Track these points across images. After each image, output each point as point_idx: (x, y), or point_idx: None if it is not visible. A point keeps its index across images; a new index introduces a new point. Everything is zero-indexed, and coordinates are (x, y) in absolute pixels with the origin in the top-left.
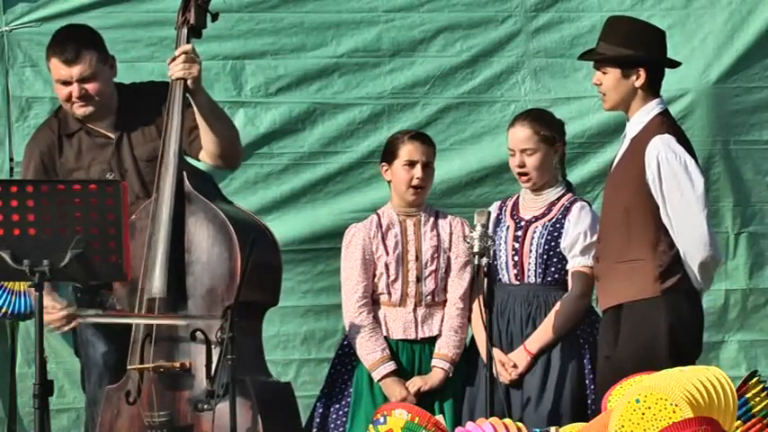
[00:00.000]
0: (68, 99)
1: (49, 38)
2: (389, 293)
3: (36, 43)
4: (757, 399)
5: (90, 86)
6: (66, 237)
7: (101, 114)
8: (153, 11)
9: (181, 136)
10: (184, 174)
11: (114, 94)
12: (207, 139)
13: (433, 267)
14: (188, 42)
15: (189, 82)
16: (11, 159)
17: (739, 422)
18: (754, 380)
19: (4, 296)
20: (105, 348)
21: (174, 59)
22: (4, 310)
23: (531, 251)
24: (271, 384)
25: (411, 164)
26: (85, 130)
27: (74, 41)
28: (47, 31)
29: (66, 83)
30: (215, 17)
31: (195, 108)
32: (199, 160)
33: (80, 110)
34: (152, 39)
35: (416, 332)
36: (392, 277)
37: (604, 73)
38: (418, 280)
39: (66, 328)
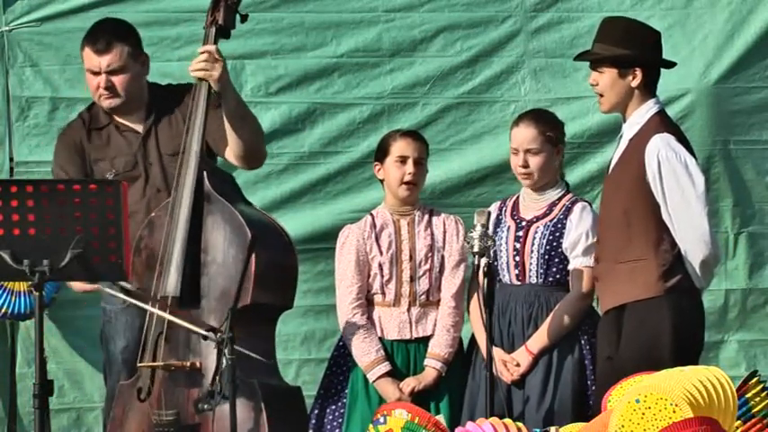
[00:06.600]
0: (96, 89)
1: (49, 38)
2: (384, 294)
3: (36, 43)
4: (757, 399)
5: (117, 79)
6: (66, 237)
7: (129, 108)
8: (153, 11)
9: (203, 135)
10: (204, 173)
11: (145, 91)
12: (231, 139)
13: (428, 267)
14: (215, 43)
15: (212, 82)
16: (11, 159)
17: (739, 422)
18: (754, 380)
19: (4, 296)
20: (124, 344)
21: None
22: (4, 310)
23: (532, 251)
24: (279, 388)
25: (403, 160)
26: (114, 124)
27: (107, 33)
28: (47, 31)
29: (96, 73)
30: (244, 18)
31: (223, 108)
32: (224, 159)
33: (105, 101)
34: (152, 39)
35: (411, 332)
36: (386, 277)
37: (601, 73)
38: (412, 279)
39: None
